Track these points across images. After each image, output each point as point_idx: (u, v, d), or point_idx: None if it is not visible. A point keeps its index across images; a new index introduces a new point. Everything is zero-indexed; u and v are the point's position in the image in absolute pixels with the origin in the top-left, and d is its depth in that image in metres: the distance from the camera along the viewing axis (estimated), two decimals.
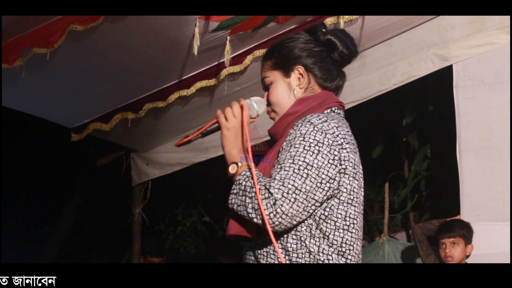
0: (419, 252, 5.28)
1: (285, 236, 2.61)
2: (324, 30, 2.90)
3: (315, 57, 2.84)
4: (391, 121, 7.22)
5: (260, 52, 4.95)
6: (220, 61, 5.05)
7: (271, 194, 2.51)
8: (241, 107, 2.77)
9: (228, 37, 4.70)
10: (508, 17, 4.87)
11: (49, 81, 5.04)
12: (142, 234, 6.90)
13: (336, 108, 2.81)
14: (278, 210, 2.49)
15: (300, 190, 2.53)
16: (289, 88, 2.84)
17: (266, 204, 2.51)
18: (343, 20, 4.74)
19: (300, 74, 2.84)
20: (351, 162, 2.66)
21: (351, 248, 2.65)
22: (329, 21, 4.79)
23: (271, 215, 2.50)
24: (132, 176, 6.87)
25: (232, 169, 2.70)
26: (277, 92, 2.85)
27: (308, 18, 4.83)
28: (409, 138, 7.24)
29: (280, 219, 2.51)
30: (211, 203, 9.11)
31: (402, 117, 6.79)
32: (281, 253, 2.61)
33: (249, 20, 4.56)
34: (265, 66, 2.90)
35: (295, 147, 2.60)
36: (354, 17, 4.80)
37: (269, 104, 2.88)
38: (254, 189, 2.56)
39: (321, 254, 2.59)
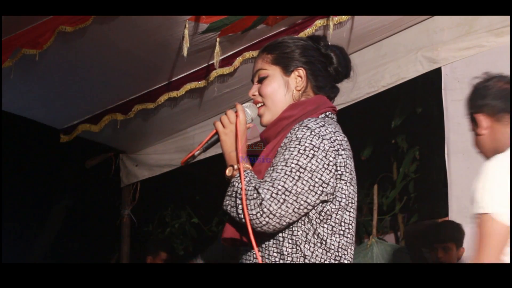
0: (410, 254, 5.29)
1: (281, 240, 2.62)
2: (327, 43, 2.94)
3: (314, 65, 2.87)
4: (380, 123, 7.22)
5: (249, 54, 4.96)
6: (210, 62, 5.05)
7: (259, 194, 2.53)
8: (236, 114, 2.76)
9: (218, 39, 4.70)
10: (497, 19, 4.89)
11: (38, 82, 5.03)
12: (130, 235, 6.90)
13: (330, 112, 2.84)
14: (265, 209, 2.51)
15: (290, 192, 2.54)
16: (286, 87, 2.84)
17: (254, 204, 2.53)
18: (332, 22, 4.75)
19: (300, 76, 2.85)
20: (348, 168, 2.68)
21: (346, 252, 2.68)
22: (319, 23, 4.80)
23: (258, 214, 2.52)
24: (121, 177, 6.87)
25: (228, 171, 2.72)
26: (273, 87, 2.85)
27: (297, 20, 4.84)
28: (397, 140, 7.24)
29: (267, 219, 2.52)
30: (199, 204, 9.11)
31: (391, 119, 6.80)
32: (276, 256, 2.62)
33: (238, 22, 4.56)
34: (264, 59, 2.90)
35: (289, 150, 2.61)
36: (343, 19, 4.81)
37: (260, 96, 2.88)
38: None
39: (315, 259, 2.61)
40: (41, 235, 9.92)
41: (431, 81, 5.58)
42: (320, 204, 2.62)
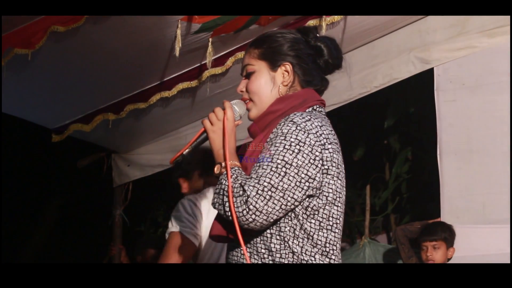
0: (400, 254, 5.29)
1: (269, 236, 2.61)
2: (316, 35, 2.92)
3: (302, 59, 2.84)
4: (372, 124, 7.24)
5: (242, 54, 4.94)
6: (202, 62, 5.04)
7: (245, 191, 2.52)
8: (224, 112, 2.76)
9: (210, 39, 4.69)
10: (490, 20, 4.90)
11: (30, 82, 5.01)
12: (123, 235, 6.89)
13: (317, 106, 2.81)
14: (251, 207, 2.50)
15: (277, 188, 2.53)
16: (273, 82, 2.82)
17: (240, 202, 2.52)
18: (325, 22, 4.75)
19: (286, 71, 2.82)
20: (334, 162, 2.65)
21: (334, 248, 2.66)
22: (311, 23, 4.80)
23: (244, 212, 2.51)
24: (113, 177, 6.85)
25: (216, 169, 2.70)
26: (260, 82, 2.83)
27: (290, 20, 4.84)
28: (390, 141, 7.26)
29: (253, 216, 2.51)
30: None
31: (383, 119, 6.81)
32: (264, 253, 2.62)
33: (231, 22, 4.56)
34: (251, 54, 2.89)
35: (275, 146, 2.60)
36: (336, 19, 4.80)
37: (247, 92, 2.87)
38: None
39: (304, 254, 2.59)
40: (33, 235, 9.90)
41: (423, 82, 5.59)
42: (307, 199, 2.60)
